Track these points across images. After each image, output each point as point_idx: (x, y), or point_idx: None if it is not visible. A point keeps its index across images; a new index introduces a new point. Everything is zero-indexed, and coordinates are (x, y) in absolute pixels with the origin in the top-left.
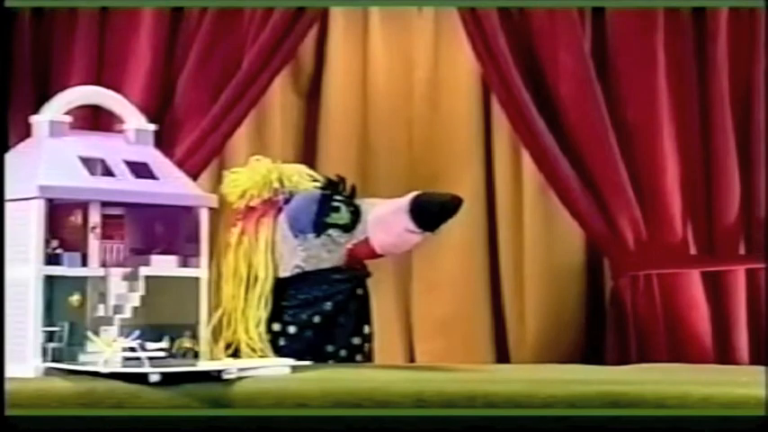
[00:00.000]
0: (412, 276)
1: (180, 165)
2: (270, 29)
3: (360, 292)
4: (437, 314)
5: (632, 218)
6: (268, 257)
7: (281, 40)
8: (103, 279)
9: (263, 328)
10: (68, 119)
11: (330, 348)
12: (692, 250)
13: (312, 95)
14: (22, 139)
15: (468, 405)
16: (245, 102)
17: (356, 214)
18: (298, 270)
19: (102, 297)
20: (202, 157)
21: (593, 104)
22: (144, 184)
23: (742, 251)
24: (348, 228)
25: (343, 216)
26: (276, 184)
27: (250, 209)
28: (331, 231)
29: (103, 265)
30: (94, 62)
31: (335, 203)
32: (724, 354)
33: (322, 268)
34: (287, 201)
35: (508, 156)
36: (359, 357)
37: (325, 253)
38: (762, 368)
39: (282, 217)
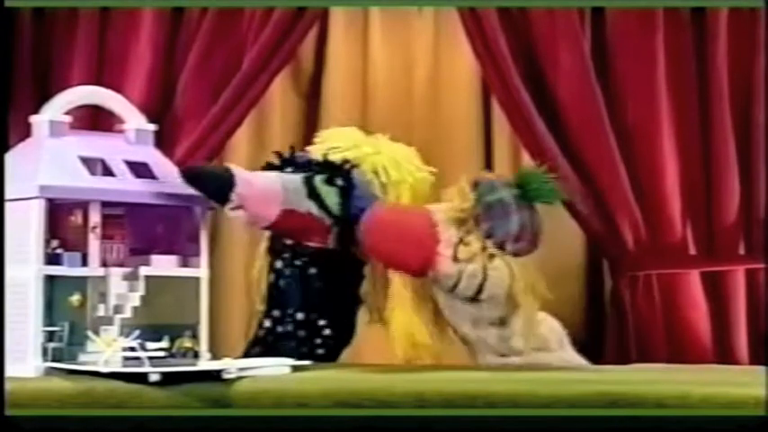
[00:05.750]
0: None
1: (180, 165)
2: (270, 29)
3: (311, 270)
4: None
5: (632, 218)
6: None
7: (281, 40)
8: (104, 279)
9: None
10: (68, 119)
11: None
12: (692, 250)
13: (312, 95)
14: (22, 139)
15: (469, 405)
16: (246, 102)
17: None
18: None
19: (103, 297)
20: (203, 157)
21: (593, 104)
22: (144, 184)
23: (742, 251)
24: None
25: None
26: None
27: None
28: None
29: (104, 264)
30: (95, 62)
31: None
32: (724, 354)
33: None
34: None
35: (508, 156)
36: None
37: None
38: (762, 368)
39: None
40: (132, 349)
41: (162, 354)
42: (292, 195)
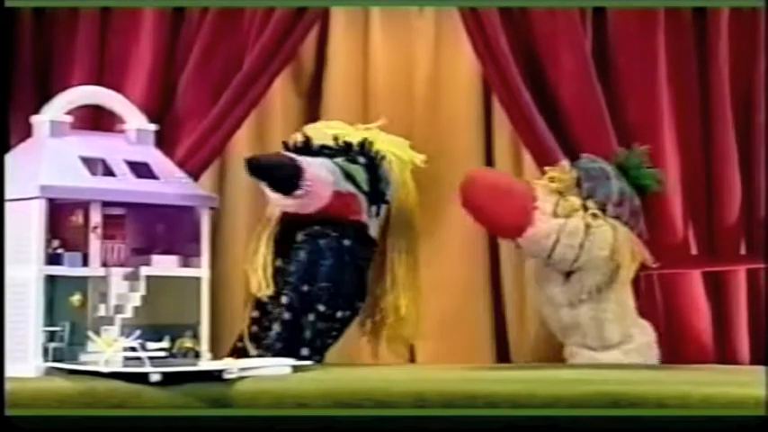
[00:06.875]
0: None
1: (181, 165)
2: (271, 29)
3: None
4: (438, 314)
5: None
6: None
7: (281, 41)
8: (104, 279)
9: None
10: (69, 119)
11: None
12: (693, 250)
13: (313, 96)
14: (22, 139)
15: (469, 405)
16: (246, 102)
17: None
18: None
19: (103, 297)
20: (203, 158)
21: (594, 104)
22: (145, 184)
23: (743, 251)
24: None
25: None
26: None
27: None
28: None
29: (104, 264)
30: (95, 62)
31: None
32: (724, 354)
33: None
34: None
35: (509, 155)
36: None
37: None
38: (762, 368)
39: None
40: (133, 349)
41: (162, 354)
42: (337, 177)
